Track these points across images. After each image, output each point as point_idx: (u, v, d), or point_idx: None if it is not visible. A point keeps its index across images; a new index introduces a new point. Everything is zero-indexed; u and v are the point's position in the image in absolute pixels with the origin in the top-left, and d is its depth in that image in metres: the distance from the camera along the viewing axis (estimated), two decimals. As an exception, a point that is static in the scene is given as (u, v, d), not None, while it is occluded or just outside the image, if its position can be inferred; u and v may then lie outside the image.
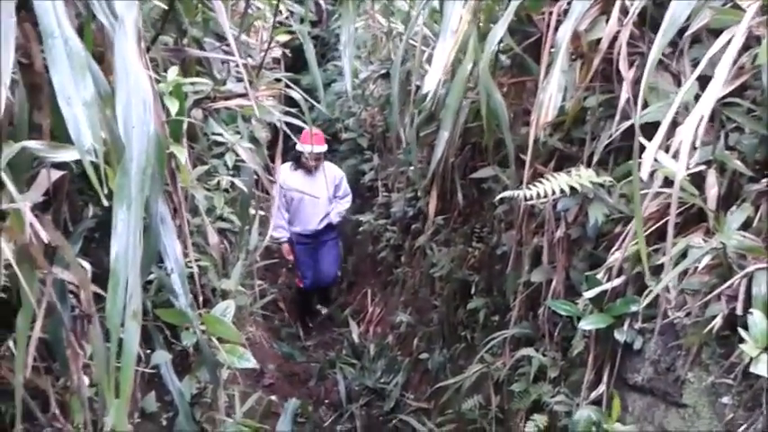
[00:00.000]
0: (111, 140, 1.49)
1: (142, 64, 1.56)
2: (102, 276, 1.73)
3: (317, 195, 5.43)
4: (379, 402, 4.72)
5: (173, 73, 2.10)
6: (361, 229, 5.98)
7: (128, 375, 1.24)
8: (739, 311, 1.71)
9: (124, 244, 1.31)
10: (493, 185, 3.24)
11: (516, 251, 2.90)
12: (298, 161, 5.60)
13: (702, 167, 1.91)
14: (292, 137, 3.24)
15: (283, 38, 3.90)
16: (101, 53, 1.86)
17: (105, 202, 1.33)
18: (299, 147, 5.28)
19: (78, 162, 1.61)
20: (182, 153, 2.01)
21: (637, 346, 2.02)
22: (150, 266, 1.85)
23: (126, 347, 1.25)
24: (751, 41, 1.80)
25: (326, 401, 4.51)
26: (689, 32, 2.08)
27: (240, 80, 2.98)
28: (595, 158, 2.32)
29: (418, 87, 3.68)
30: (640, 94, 1.72)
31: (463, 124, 3.42)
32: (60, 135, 1.59)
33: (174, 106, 2.02)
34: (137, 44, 1.55)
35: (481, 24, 2.85)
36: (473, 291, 3.64)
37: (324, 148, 5.57)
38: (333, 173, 5.78)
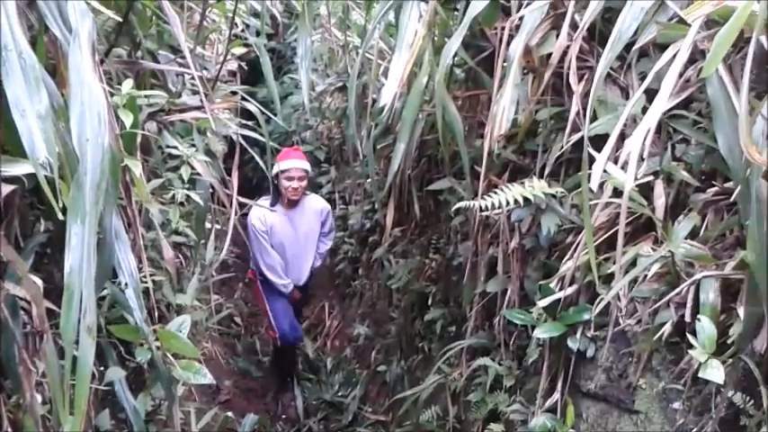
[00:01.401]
0: (65, 154, 1.47)
1: (96, 76, 1.55)
2: (53, 292, 1.70)
3: (303, 235, 4.63)
4: (338, 416, 4.69)
5: (127, 86, 2.08)
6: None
7: (83, 391, 1.22)
8: (688, 318, 1.76)
9: (78, 258, 1.29)
10: (449, 197, 3.27)
11: (472, 262, 2.94)
12: (275, 196, 4.52)
13: (650, 178, 1.98)
14: (249, 150, 3.24)
15: (239, 50, 3.90)
16: (53, 65, 1.83)
17: (60, 216, 1.31)
18: (276, 168, 4.37)
19: (29, 176, 1.59)
20: (136, 166, 1.98)
21: (590, 353, 2.06)
22: (104, 281, 1.82)
23: (81, 363, 1.23)
24: (696, 55, 1.87)
25: (284, 417, 4.47)
26: (636, 47, 2.15)
27: (195, 93, 2.96)
28: (547, 170, 2.38)
29: (374, 100, 3.72)
30: (589, 106, 1.77)
31: (419, 137, 3.46)
32: (12, 149, 1.57)
33: (128, 119, 2.00)
34: (91, 56, 1.54)
35: (436, 38, 2.90)
36: (430, 302, 3.66)
37: (307, 164, 4.52)
38: (320, 205, 4.78)
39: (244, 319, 5.33)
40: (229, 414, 3.16)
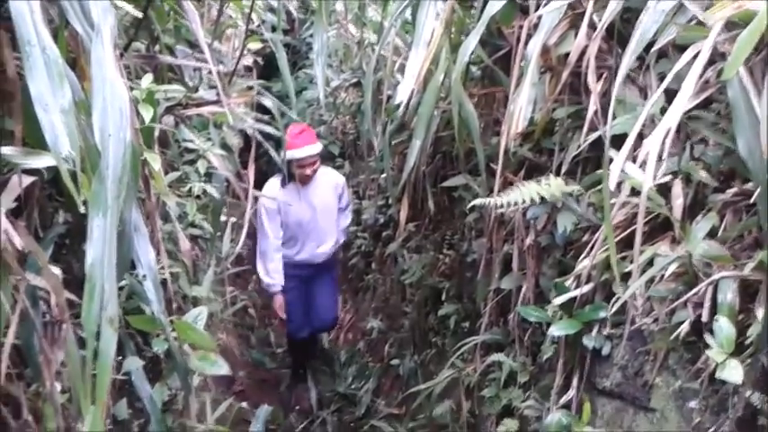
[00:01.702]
0: (86, 148, 1.49)
1: (118, 72, 1.57)
2: (72, 282, 1.72)
3: (321, 211, 4.47)
4: (351, 408, 4.72)
5: (147, 80, 2.10)
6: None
7: (104, 381, 1.24)
8: (705, 318, 1.76)
9: (100, 251, 1.31)
10: (464, 194, 3.28)
11: (486, 258, 2.94)
12: (289, 176, 4.34)
13: (669, 178, 1.97)
14: (264, 144, 3.25)
15: (255, 46, 3.91)
16: (73, 59, 1.85)
17: (82, 209, 1.33)
18: (289, 155, 4.08)
19: (49, 168, 1.61)
20: (155, 160, 2.00)
21: (605, 351, 2.06)
22: (124, 273, 1.85)
23: (102, 353, 1.25)
24: (715, 57, 1.86)
25: (297, 408, 4.50)
26: (655, 48, 2.14)
27: (212, 87, 2.98)
28: (564, 168, 2.37)
29: (389, 97, 3.73)
30: (611, 106, 1.77)
31: (435, 133, 3.46)
32: (32, 141, 1.59)
33: (147, 113, 2.02)
34: (113, 52, 1.55)
35: (453, 36, 2.90)
36: (444, 297, 3.67)
37: (318, 147, 4.33)
38: (334, 179, 4.63)
39: (258, 311, 5.37)
40: (243, 405, 3.19)
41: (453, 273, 3.70)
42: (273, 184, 4.41)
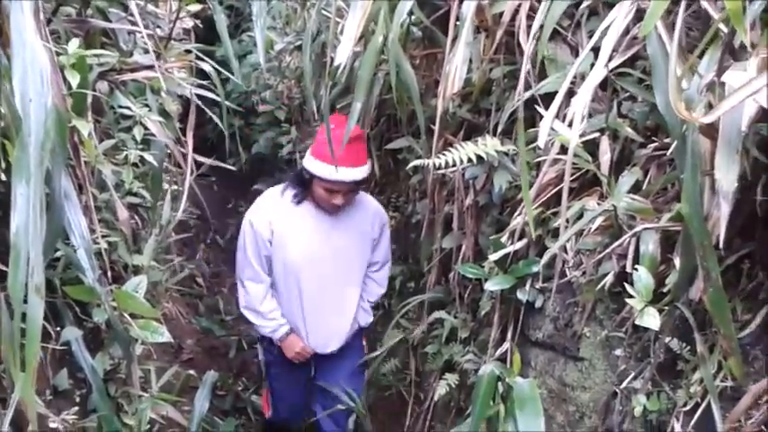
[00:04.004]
0: (10, 114, 1.46)
1: (40, 36, 1.53)
2: (5, 253, 1.69)
3: (342, 255, 2.90)
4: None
5: (73, 45, 2.04)
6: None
7: (33, 349, 1.24)
8: (629, 269, 1.84)
9: (24, 218, 1.30)
10: (408, 156, 3.30)
11: (429, 219, 2.99)
12: (302, 188, 2.82)
13: (596, 135, 2.03)
14: (206, 110, 3.20)
15: (194, 7, 3.81)
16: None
17: (3, 177, 1.31)
18: (311, 166, 2.72)
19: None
20: (84, 127, 1.96)
21: (538, 304, 2.14)
22: (55, 242, 1.82)
23: (30, 321, 1.25)
24: (644, 13, 1.90)
25: (246, 374, 4.52)
26: (585, 4, 2.19)
27: (147, 51, 2.91)
28: (500, 128, 2.41)
29: (333, 59, 3.69)
30: (536, 64, 1.80)
31: (378, 96, 3.46)
32: (-48, 109, 1.54)
33: (75, 79, 1.97)
34: (34, 16, 1.51)
35: (392, -4, 2.88)
36: (390, 259, 3.71)
37: (365, 170, 2.76)
38: (371, 210, 3.01)
39: (206, 280, 5.33)
40: (191, 372, 3.20)
41: (399, 234, 3.74)
42: (272, 196, 2.90)
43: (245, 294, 2.93)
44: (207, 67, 3.24)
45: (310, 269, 2.85)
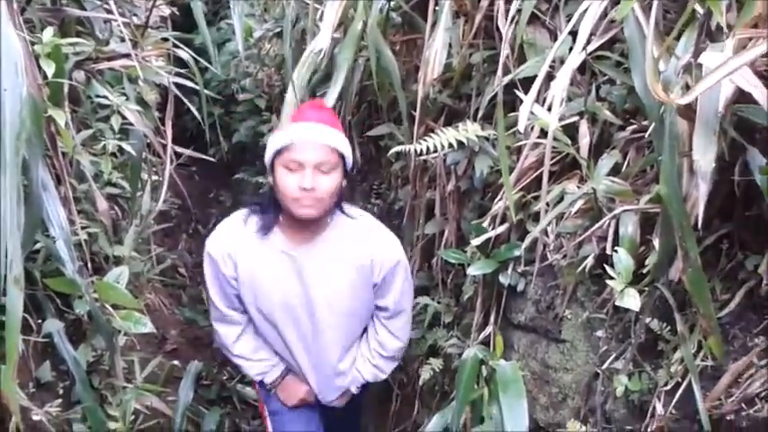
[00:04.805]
0: (-17, 105, 1.44)
1: (14, 25, 1.51)
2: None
3: (327, 304, 2.23)
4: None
5: (48, 34, 2.01)
6: (261, 191, 5.90)
7: (13, 341, 1.23)
8: (609, 251, 1.86)
9: (1, 210, 1.28)
10: (389, 142, 3.30)
11: (411, 205, 2.99)
12: (270, 213, 2.16)
13: (575, 118, 2.04)
14: (184, 99, 3.17)
15: (171, -5, 3.77)
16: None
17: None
18: (270, 146, 2.08)
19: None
20: (61, 117, 1.94)
21: (520, 288, 2.16)
22: (34, 234, 1.80)
23: (9, 314, 1.24)
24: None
25: (230, 363, 4.51)
26: (564, -12, 2.19)
27: (124, 40, 2.87)
28: (481, 113, 2.42)
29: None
30: (515, 49, 1.81)
31: (359, 83, 3.45)
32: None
33: (50, 69, 1.95)
34: (7, 4, 1.49)
35: (370, -19, 2.87)
36: (373, 246, 3.71)
37: (339, 140, 2.11)
38: (375, 248, 2.27)
39: (189, 270, 5.29)
40: (175, 362, 3.19)
41: (382, 221, 3.73)
42: (233, 224, 2.24)
43: (216, 333, 2.38)
44: (185, 55, 3.21)
45: (286, 318, 2.24)
